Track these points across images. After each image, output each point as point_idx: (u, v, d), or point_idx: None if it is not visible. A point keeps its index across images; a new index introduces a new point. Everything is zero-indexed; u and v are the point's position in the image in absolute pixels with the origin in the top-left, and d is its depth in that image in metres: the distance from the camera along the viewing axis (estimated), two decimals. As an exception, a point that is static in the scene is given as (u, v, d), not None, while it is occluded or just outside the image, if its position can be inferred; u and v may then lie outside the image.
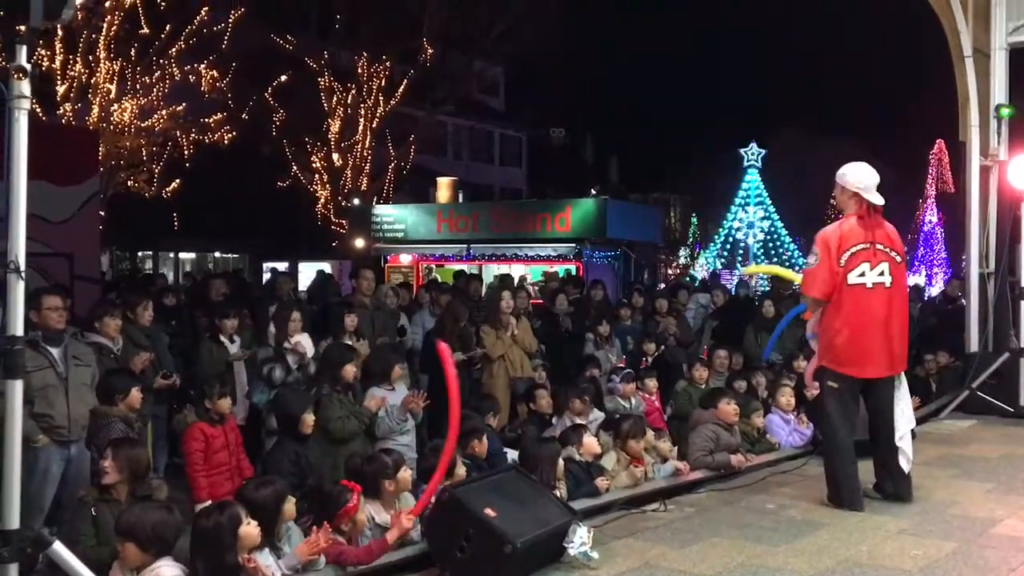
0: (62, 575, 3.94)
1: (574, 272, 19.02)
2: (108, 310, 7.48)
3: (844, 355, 6.46)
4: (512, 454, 6.93)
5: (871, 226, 6.50)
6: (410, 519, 5.23)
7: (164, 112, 22.02)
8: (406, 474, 5.68)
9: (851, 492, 6.43)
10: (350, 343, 8.19)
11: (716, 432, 7.57)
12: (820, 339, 6.65)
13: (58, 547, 3.67)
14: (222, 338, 8.36)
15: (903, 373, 6.72)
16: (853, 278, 6.39)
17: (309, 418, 6.33)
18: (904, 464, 6.61)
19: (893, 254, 6.53)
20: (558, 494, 6.04)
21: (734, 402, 7.92)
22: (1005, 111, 10.57)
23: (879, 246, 6.46)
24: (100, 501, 5.00)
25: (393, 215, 24.13)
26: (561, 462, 6.45)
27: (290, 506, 4.96)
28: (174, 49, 21.64)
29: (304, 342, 8.12)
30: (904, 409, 6.67)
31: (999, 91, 10.73)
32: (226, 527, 4.31)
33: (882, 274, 6.43)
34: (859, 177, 6.56)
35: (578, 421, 7.71)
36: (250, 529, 4.41)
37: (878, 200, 6.53)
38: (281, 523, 4.92)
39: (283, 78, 25.48)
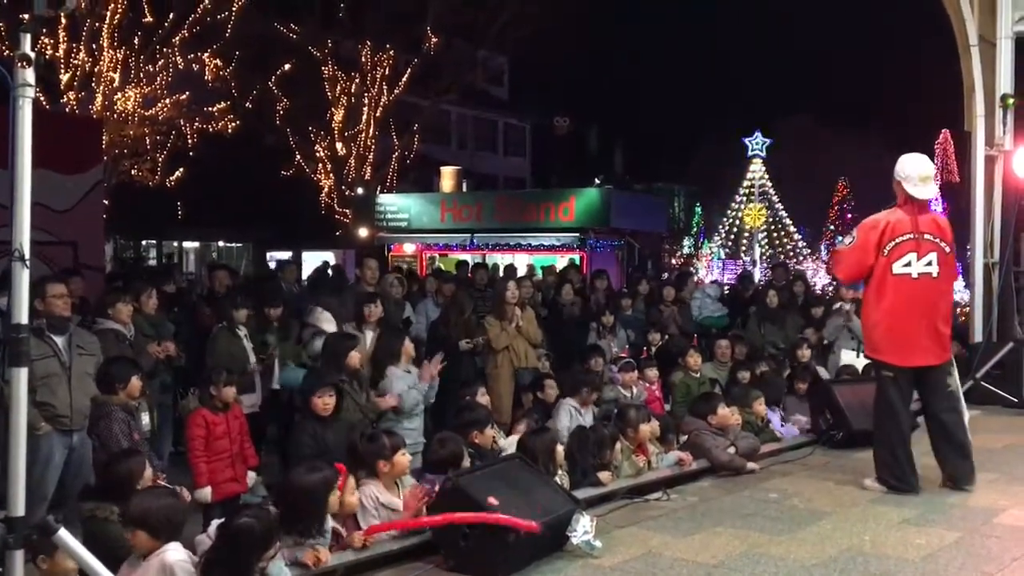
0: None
1: (577, 262, 18.99)
2: (120, 296, 7.50)
3: (884, 344, 6.57)
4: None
5: (918, 216, 6.56)
6: (361, 537, 5.17)
7: (168, 101, 21.98)
8: (403, 458, 5.67)
9: (909, 475, 6.53)
10: (354, 332, 8.17)
11: (714, 440, 7.55)
12: (866, 329, 6.77)
13: (63, 534, 3.68)
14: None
15: (954, 362, 6.87)
16: (898, 268, 6.46)
17: (319, 401, 6.32)
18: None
19: (942, 244, 6.59)
20: (558, 482, 6.05)
21: (723, 405, 7.85)
22: (1010, 100, 10.54)
23: (927, 236, 6.52)
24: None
25: (397, 204, 24.10)
26: (561, 450, 6.46)
27: (334, 498, 5.02)
28: (177, 38, 21.59)
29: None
30: (960, 397, 6.84)
31: (1005, 80, 10.69)
32: (256, 542, 4.24)
33: (930, 264, 6.51)
34: (903, 166, 6.66)
35: (583, 410, 7.76)
36: (269, 551, 4.33)
37: (917, 193, 6.56)
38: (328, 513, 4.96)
39: (287, 67, 25.44)
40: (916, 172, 6.60)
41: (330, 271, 14.55)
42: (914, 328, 6.52)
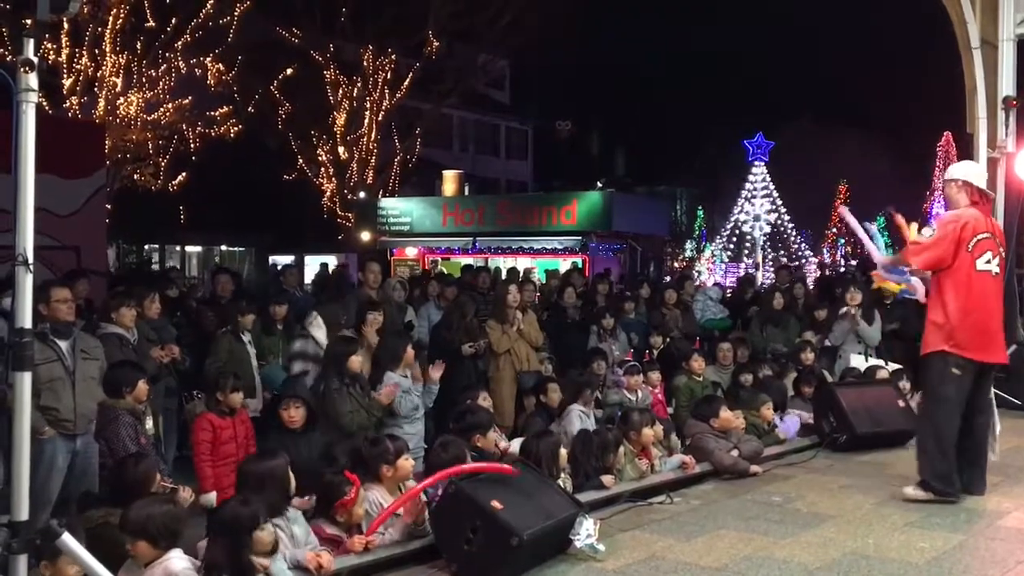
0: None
1: (580, 265, 19.01)
2: (124, 300, 7.50)
3: (967, 339, 6.50)
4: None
5: (989, 219, 6.73)
6: (362, 541, 5.15)
7: (170, 105, 22.03)
8: (407, 462, 5.68)
9: (955, 478, 6.50)
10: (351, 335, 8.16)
11: (717, 443, 7.54)
12: (942, 323, 6.58)
13: (67, 538, 3.67)
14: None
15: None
16: (982, 264, 6.54)
17: (284, 413, 6.29)
18: (990, 457, 6.83)
19: (1001, 250, 6.75)
20: (561, 485, 6.05)
21: (725, 408, 7.85)
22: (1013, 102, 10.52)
23: (996, 239, 6.68)
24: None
25: (399, 208, 24.15)
26: (564, 453, 6.46)
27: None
28: (180, 42, 21.64)
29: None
30: (995, 407, 6.92)
31: (1007, 83, 10.67)
32: (244, 524, 4.28)
33: (998, 265, 6.63)
34: (960, 168, 6.84)
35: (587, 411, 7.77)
36: (263, 535, 4.35)
37: (983, 182, 6.74)
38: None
39: (289, 71, 25.50)
40: (973, 167, 6.88)
41: (331, 273, 14.57)
42: (992, 324, 6.63)
